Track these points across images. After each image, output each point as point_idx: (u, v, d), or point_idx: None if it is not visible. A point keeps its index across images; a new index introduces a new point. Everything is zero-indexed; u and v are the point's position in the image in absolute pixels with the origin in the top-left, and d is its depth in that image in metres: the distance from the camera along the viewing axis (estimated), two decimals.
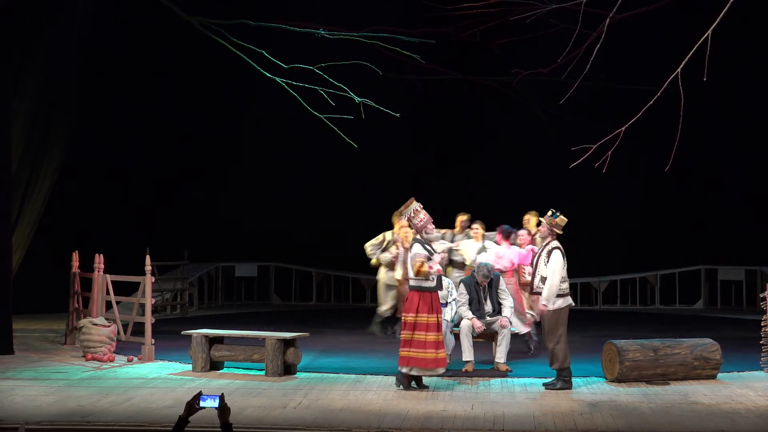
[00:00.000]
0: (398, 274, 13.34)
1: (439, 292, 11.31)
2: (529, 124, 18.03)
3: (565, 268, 9.99)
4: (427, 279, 9.89)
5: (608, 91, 16.59)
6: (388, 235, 13.81)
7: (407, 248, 12.80)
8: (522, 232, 12.41)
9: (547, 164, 17.65)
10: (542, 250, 10.12)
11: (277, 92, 13.08)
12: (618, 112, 9.70)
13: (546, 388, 9.90)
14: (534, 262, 10.30)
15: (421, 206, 10.13)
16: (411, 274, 9.99)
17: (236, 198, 20.04)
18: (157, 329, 12.52)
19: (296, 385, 10.14)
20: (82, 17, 14.37)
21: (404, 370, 9.87)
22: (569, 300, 10.09)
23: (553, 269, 9.88)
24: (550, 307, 9.89)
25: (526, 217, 12.93)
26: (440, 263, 10.23)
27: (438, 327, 9.91)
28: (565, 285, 9.99)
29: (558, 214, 10.09)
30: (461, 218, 13.38)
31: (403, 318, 10.07)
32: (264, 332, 11.30)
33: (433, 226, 10.23)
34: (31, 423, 8.08)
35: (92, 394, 9.50)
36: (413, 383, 9.96)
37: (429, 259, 9.90)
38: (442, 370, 9.99)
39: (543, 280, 9.97)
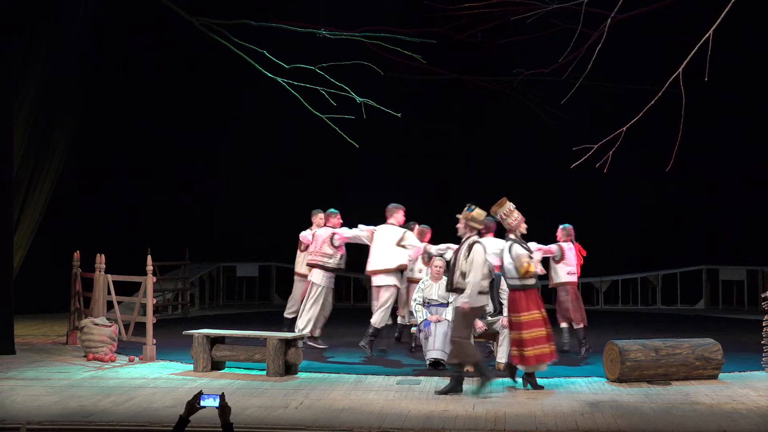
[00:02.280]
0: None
1: (440, 292, 11.37)
2: (530, 124, 18.03)
3: (487, 265, 9.77)
4: (530, 277, 9.87)
5: (609, 91, 16.59)
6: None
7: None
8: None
9: (548, 164, 17.65)
10: (462, 245, 9.79)
11: (278, 92, 13.10)
12: (619, 112, 9.70)
13: (436, 393, 9.63)
14: (453, 258, 9.91)
15: (515, 206, 10.01)
16: (515, 274, 9.88)
17: (237, 198, 20.05)
18: (158, 329, 12.54)
19: (297, 385, 10.15)
20: (84, 17, 14.38)
21: (528, 369, 9.86)
22: (488, 299, 10.00)
23: (476, 266, 9.58)
24: (473, 304, 9.63)
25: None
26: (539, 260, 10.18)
27: (545, 322, 9.91)
28: (486, 282, 9.77)
29: (473, 207, 9.74)
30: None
31: (514, 319, 9.92)
32: (265, 332, 11.31)
33: (526, 226, 10.10)
34: (32, 423, 8.09)
35: (94, 394, 9.50)
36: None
37: (530, 257, 9.88)
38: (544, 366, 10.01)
39: (463, 275, 9.63)
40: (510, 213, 9.96)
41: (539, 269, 9.98)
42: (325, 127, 12.51)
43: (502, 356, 10.95)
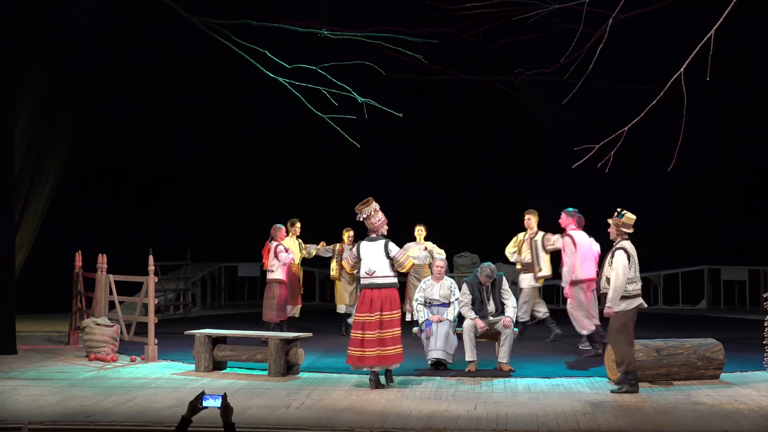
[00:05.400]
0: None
1: (441, 292, 11.37)
2: (532, 124, 18.03)
3: (633, 269, 9.79)
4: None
5: (611, 90, 16.60)
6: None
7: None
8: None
9: (550, 164, 17.64)
10: (612, 251, 9.92)
11: (278, 92, 13.10)
12: (620, 112, 9.70)
13: (612, 392, 9.65)
14: (601, 263, 10.03)
15: (379, 207, 10.16)
16: (362, 272, 10.09)
17: (238, 198, 20.06)
18: (160, 329, 12.55)
19: (299, 385, 10.16)
20: (85, 17, 14.39)
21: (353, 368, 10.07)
22: (637, 302, 9.80)
23: (616, 270, 9.67)
24: (615, 309, 9.67)
25: (527, 216, 13.19)
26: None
27: (390, 324, 9.97)
28: (633, 287, 9.75)
29: (624, 213, 9.89)
30: (349, 233, 14.22)
31: (355, 318, 10.08)
32: (267, 332, 11.33)
33: (386, 228, 10.23)
34: (34, 423, 8.10)
35: (95, 394, 9.51)
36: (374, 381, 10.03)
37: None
38: (391, 366, 10.10)
39: (608, 281, 9.76)
40: (375, 213, 10.12)
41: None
42: (326, 127, 12.51)
43: (503, 356, 10.95)
